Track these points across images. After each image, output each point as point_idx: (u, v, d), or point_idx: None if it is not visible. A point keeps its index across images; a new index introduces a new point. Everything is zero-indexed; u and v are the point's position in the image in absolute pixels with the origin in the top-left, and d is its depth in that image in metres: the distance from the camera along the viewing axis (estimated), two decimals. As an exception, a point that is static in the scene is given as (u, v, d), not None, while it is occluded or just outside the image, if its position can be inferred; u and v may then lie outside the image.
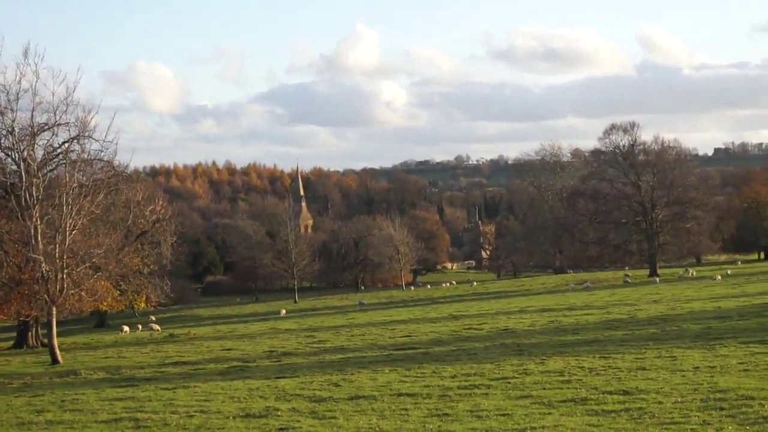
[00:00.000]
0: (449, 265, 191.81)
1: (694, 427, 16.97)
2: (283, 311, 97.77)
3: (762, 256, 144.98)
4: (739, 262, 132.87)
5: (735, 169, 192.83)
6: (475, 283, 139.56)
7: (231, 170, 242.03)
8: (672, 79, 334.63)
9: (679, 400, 20.29)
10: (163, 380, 33.53)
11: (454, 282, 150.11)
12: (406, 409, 21.75)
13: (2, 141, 50.73)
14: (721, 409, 18.83)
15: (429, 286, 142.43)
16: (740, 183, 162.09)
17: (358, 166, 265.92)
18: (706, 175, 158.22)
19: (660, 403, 20.01)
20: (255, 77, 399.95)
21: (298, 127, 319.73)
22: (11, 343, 69.66)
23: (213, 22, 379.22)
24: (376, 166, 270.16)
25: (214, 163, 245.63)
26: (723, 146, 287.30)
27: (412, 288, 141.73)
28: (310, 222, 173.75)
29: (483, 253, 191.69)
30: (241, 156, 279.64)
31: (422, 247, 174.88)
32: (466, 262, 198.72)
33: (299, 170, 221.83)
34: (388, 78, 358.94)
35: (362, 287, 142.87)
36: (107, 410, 25.37)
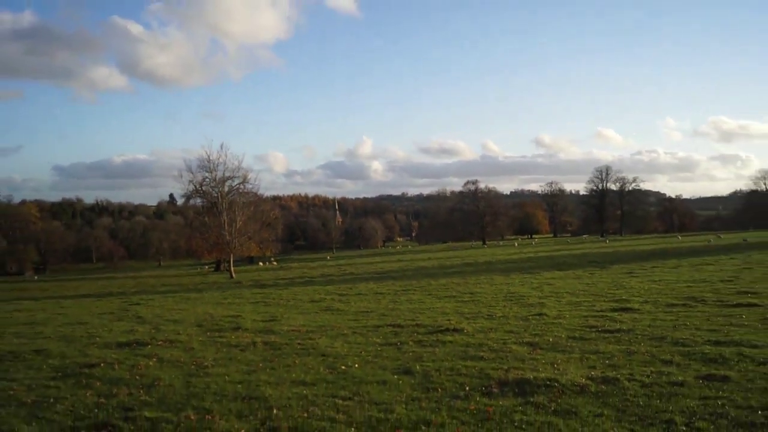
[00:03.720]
0: (399, 239, 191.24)
1: (500, 307, 17.06)
2: (328, 257, 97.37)
3: (531, 236, 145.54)
4: (519, 239, 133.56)
5: (519, 200, 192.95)
6: (409, 246, 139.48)
7: (307, 198, 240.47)
8: (495, 162, 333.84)
9: (493, 296, 20.33)
10: (277, 286, 33.44)
11: (400, 246, 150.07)
12: (379, 299, 21.76)
13: (211, 183, 50.78)
14: (511, 300, 18.93)
15: (390, 248, 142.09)
16: (521, 207, 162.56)
17: (361, 196, 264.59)
18: (507, 202, 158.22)
19: (486, 298, 20.09)
20: (319, 157, 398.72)
21: (337, 180, 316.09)
22: (212, 269, 69.70)
23: (302, 134, 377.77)
24: (369, 196, 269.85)
25: (299, 194, 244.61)
26: (515, 191, 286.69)
27: (383, 248, 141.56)
28: (340, 220, 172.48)
29: (413, 234, 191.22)
30: (311, 191, 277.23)
31: (387, 232, 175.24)
32: (407, 238, 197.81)
33: (336, 198, 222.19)
34: (375, 159, 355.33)
35: (362, 248, 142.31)
36: (253, 298, 25.35)
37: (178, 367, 10.39)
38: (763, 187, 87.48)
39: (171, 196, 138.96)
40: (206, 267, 79.36)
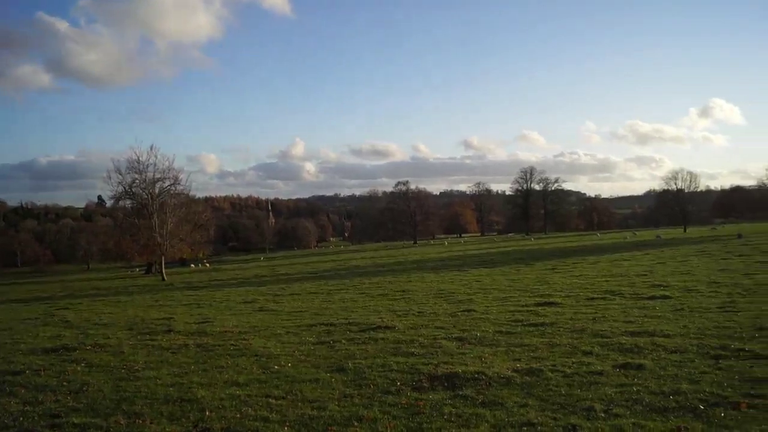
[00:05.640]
0: (332, 239, 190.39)
1: (430, 304, 17.25)
2: (262, 258, 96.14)
3: (460, 235, 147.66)
4: (449, 238, 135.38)
5: (448, 200, 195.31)
6: (342, 246, 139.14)
7: (240, 199, 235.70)
8: (425, 163, 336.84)
9: (424, 294, 20.56)
10: (210, 288, 32.83)
11: (333, 246, 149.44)
12: (312, 299, 21.67)
13: (141, 185, 49.31)
14: (441, 296, 19.21)
15: (323, 248, 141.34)
16: (450, 207, 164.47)
17: (294, 197, 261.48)
18: (437, 202, 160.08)
19: (417, 295, 20.27)
20: (252, 159, 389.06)
21: (269, 181, 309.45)
22: (143, 272, 67.60)
23: (234, 135, 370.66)
24: (302, 197, 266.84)
25: (232, 195, 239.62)
26: (444, 191, 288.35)
27: (317, 248, 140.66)
28: (274, 221, 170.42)
29: (346, 234, 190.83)
30: (244, 192, 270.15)
31: (321, 232, 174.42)
32: (340, 238, 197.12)
33: (269, 199, 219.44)
34: (308, 161, 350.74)
35: (296, 248, 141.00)
36: (185, 300, 24.79)
37: (108, 372, 10.05)
38: (674, 186, 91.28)
39: (99, 197, 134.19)
40: (137, 269, 77.02)
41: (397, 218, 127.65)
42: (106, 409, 7.76)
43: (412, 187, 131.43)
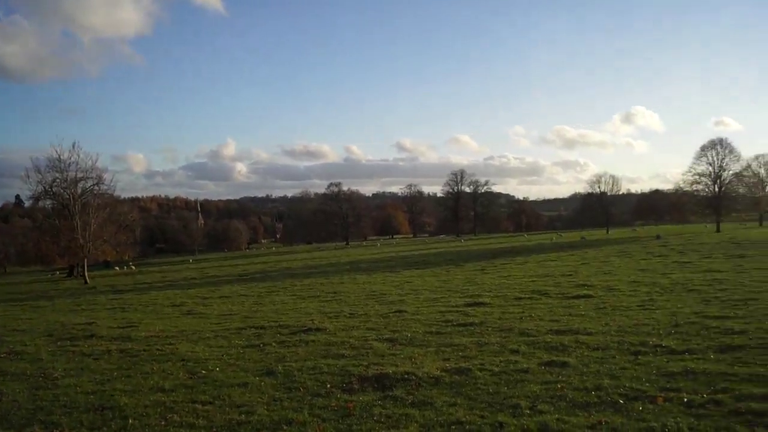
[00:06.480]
0: (264, 241, 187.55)
1: (362, 306, 17.26)
2: (191, 260, 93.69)
3: (392, 236, 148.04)
4: (381, 239, 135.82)
5: (380, 202, 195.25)
6: (273, 248, 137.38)
7: (167, 199, 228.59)
8: (357, 165, 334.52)
9: (356, 295, 20.54)
10: (136, 291, 31.82)
11: (264, 248, 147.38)
12: (243, 302, 21.35)
13: (62, 184, 47.38)
14: (372, 298, 19.24)
15: (254, 249, 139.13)
16: (383, 208, 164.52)
17: (224, 198, 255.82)
18: (369, 204, 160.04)
19: (349, 297, 20.25)
20: (181, 158, 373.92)
21: (199, 181, 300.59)
22: (65, 275, 64.94)
23: (162, 134, 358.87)
24: (232, 198, 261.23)
25: (160, 195, 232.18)
26: (377, 193, 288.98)
27: (248, 250, 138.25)
28: (203, 222, 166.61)
29: (277, 236, 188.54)
30: (173, 192, 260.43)
31: (252, 233, 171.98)
32: (272, 240, 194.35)
33: (199, 200, 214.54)
34: (239, 161, 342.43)
35: (226, 250, 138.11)
36: (109, 304, 23.94)
37: (24, 380, 9.61)
38: (598, 190, 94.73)
39: (17, 197, 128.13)
40: (58, 273, 73.92)
41: (330, 220, 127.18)
42: (22, 419, 7.41)
43: (345, 188, 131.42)
